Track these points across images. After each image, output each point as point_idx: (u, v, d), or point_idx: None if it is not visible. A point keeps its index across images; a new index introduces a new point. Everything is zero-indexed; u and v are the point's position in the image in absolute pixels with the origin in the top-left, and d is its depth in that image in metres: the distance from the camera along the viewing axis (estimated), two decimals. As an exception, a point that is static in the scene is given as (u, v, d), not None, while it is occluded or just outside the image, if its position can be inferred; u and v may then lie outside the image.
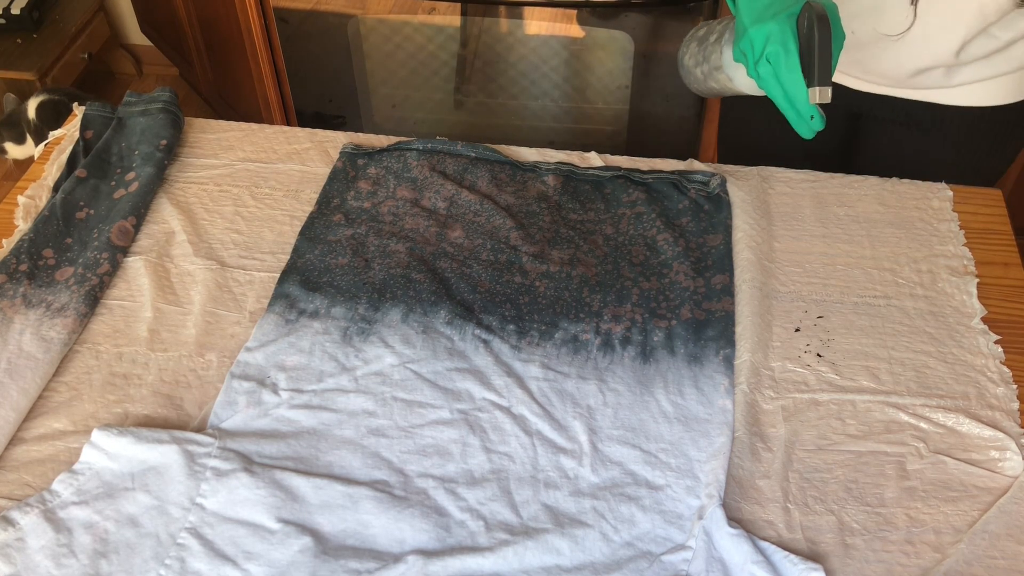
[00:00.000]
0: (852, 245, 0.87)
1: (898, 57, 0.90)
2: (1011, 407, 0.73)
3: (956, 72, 0.90)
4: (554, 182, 0.92)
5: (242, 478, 0.66)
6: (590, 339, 0.78)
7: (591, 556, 0.64)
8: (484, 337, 0.77)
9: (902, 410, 0.73)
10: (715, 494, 0.66)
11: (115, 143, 0.95)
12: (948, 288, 0.82)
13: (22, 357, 0.74)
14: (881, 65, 0.92)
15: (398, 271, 0.82)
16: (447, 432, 0.71)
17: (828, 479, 0.69)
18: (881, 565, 0.64)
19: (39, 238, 0.84)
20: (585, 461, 0.69)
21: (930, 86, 0.93)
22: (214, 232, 0.88)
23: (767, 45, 0.72)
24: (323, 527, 0.65)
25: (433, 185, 0.91)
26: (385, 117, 1.98)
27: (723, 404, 0.72)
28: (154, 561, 0.63)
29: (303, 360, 0.76)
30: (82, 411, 0.73)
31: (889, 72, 0.93)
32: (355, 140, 0.98)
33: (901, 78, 0.93)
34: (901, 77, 0.93)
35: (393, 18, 1.80)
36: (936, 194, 0.92)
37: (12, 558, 0.62)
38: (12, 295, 0.79)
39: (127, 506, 0.65)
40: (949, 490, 0.68)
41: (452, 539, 0.65)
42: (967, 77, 0.91)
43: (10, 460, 0.69)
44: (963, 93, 0.93)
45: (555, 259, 0.84)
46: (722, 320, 0.79)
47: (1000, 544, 0.64)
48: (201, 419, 0.72)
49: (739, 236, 0.86)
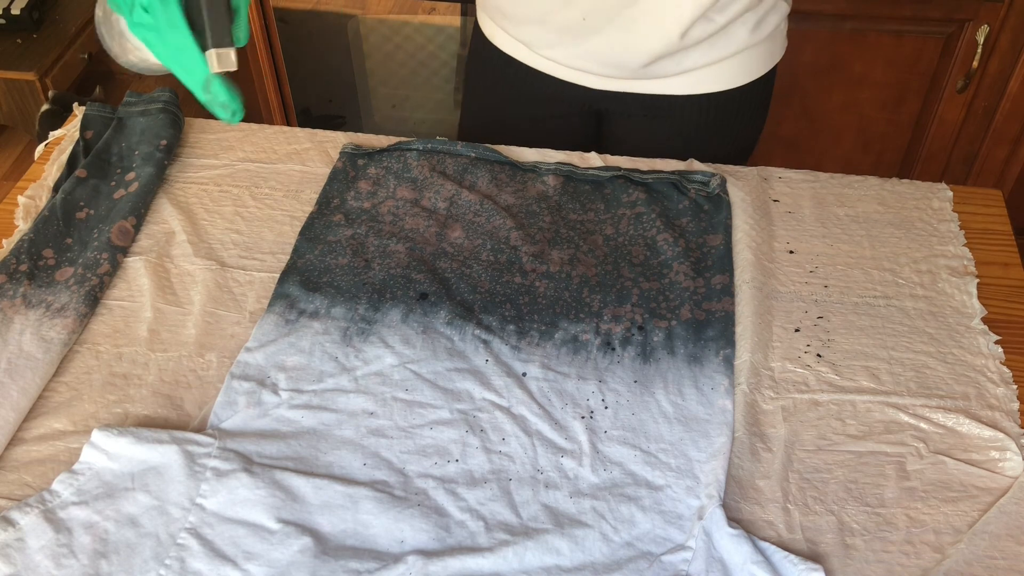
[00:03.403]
0: (852, 245, 0.87)
1: (630, 44, 0.92)
2: (1011, 407, 0.73)
3: (683, 58, 0.93)
4: (554, 182, 0.92)
5: (242, 478, 0.66)
6: (590, 339, 0.78)
7: (591, 556, 0.64)
8: (484, 337, 0.77)
9: (902, 410, 0.73)
10: (715, 494, 0.66)
11: (115, 143, 0.95)
12: (948, 288, 0.82)
13: (22, 357, 0.74)
14: (616, 55, 0.93)
15: (398, 271, 0.82)
16: (447, 432, 0.71)
17: (828, 479, 0.69)
18: (881, 565, 0.64)
19: (39, 238, 0.84)
20: (585, 461, 0.69)
21: (662, 75, 0.95)
22: (214, 232, 0.88)
23: None
24: (323, 527, 0.65)
25: (433, 185, 0.91)
26: (385, 117, 1.98)
27: (723, 404, 0.72)
28: (154, 561, 0.63)
29: (303, 360, 0.76)
30: (82, 411, 0.73)
31: (625, 62, 0.94)
32: (355, 140, 0.98)
33: (636, 68, 0.94)
34: (635, 67, 0.94)
35: (393, 18, 1.80)
36: (936, 194, 0.92)
37: (12, 558, 0.62)
38: (12, 295, 0.79)
39: (127, 506, 0.65)
40: (949, 490, 0.68)
41: (452, 539, 0.65)
42: (694, 63, 0.93)
43: (10, 460, 0.69)
44: (692, 81, 0.96)
45: (555, 259, 0.84)
46: (722, 320, 0.79)
47: (1000, 544, 0.64)
48: (201, 419, 0.72)
49: (739, 236, 0.86)
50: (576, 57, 0.96)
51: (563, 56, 0.97)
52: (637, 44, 0.91)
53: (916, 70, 1.64)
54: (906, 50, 1.61)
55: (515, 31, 0.99)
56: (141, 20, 0.58)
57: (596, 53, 0.94)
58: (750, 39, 0.93)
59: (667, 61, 0.93)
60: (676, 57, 0.93)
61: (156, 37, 0.59)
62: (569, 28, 0.93)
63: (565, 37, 0.94)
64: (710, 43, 0.92)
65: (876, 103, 1.70)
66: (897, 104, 1.69)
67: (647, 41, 0.91)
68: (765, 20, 0.94)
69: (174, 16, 0.58)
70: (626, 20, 0.89)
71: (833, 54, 1.63)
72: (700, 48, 0.92)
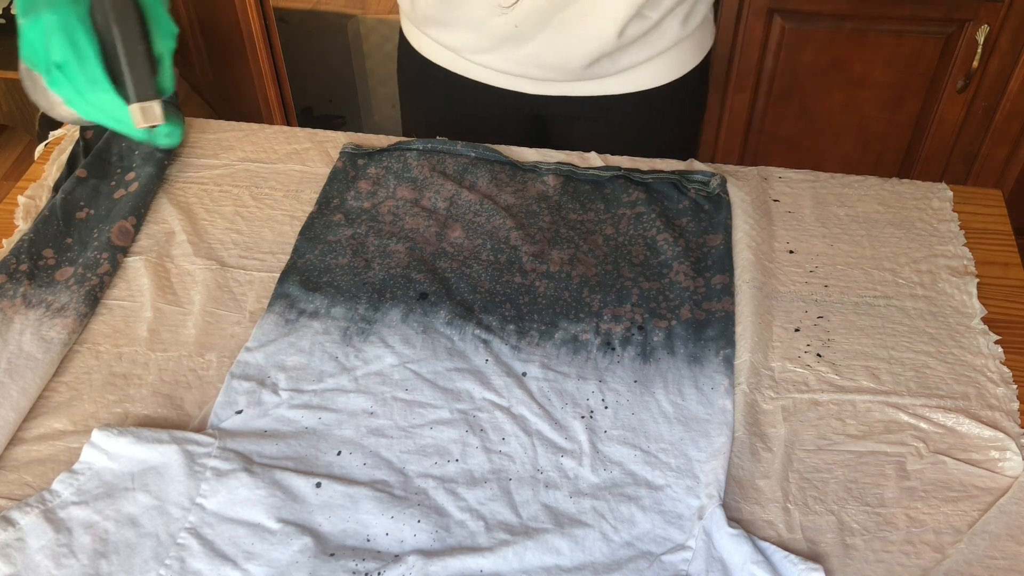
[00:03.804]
0: (852, 245, 0.87)
1: (568, 47, 0.92)
2: (1011, 407, 0.73)
3: (620, 57, 0.94)
4: (554, 182, 0.92)
5: (242, 478, 0.66)
6: (590, 339, 0.78)
7: (591, 556, 0.64)
8: (484, 337, 0.77)
9: (902, 410, 0.73)
10: (715, 494, 0.66)
11: (115, 143, 0.95)
12: (948, 288, 0.82)
13: (22, 357, 0.74)
14: (554, 59, 0.94)
15: (398, 271, 0.82)
16: (447, 432, 0.71)
17: (828, 479, 0.69)
18: (881, 565, 0.64)
19: (39, 238, 0.84)
20: (585, 461, 0.69)
21: (600, 75, 0.96)
22: (214, 232, 0.88)
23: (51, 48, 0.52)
24: (323, 527, 0.65)
25: (433, 185, 0.91)
26: (385, 117, 1.99)
27: (723, 404, 0.72)
28: (154, 561, 0.63)
29: (303, 360, 0.76)
30: (82, 411, 0.73)
31: (563, 65, 0.94)
32: (355, 140, 0.98)
33: (574, 71, 0.95)
34: (574, 69, 0.95)
35: (393, 18, 1.80)
36: (936, 194, 0.92)
37: (12, 558, 0.62)
38: (12, 295, 0.79)
39: (127, 506, 0.65)
40: (949, 490, 0.68)
41: (452, 539, 0.65)
42: (630, 61, 0.95)
43: (10, 460, 0.69)
44: (630, 79, 0.98)
45: (555, 259, 0.84)
46: (722, 320, 0.79)
47: (1000, 544, 0.64)
48: (201, 419, 0.72)
49: (739, 236, 0.86)
50: (514, 63, 0.96)
51: (500, 63, 0.97)
52: (574, 47, 0.92)
53: (916, 70, 1.64)
54: (906, 50, 1.61)
55: (448, 40, 0.99)
56: (57, 81, 0.55)
57: (533, 57, 0.94)
58: (681, 32, 0.95)
59: (605, 61, 0.94)
60: (613, 57, 0.94)
61: (76, 96, 0.55)
62: (504, 35, 0.93)
63: (501, 44, 0.94)
64: (645, 40, 0.93)
65: (876, 103, 1.70)
66: (897, 104, 1.69)
67: (585, 43, 0.91)
68: (694, 11, 0.96)
69: (93, 73, 0.54)
70: (561, 24, 0.89)
71: (833, 54, 1.63)
72: (636, 46, 0.93)
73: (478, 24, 0.93)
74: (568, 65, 0.94)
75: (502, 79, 0.99)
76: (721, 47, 1.67)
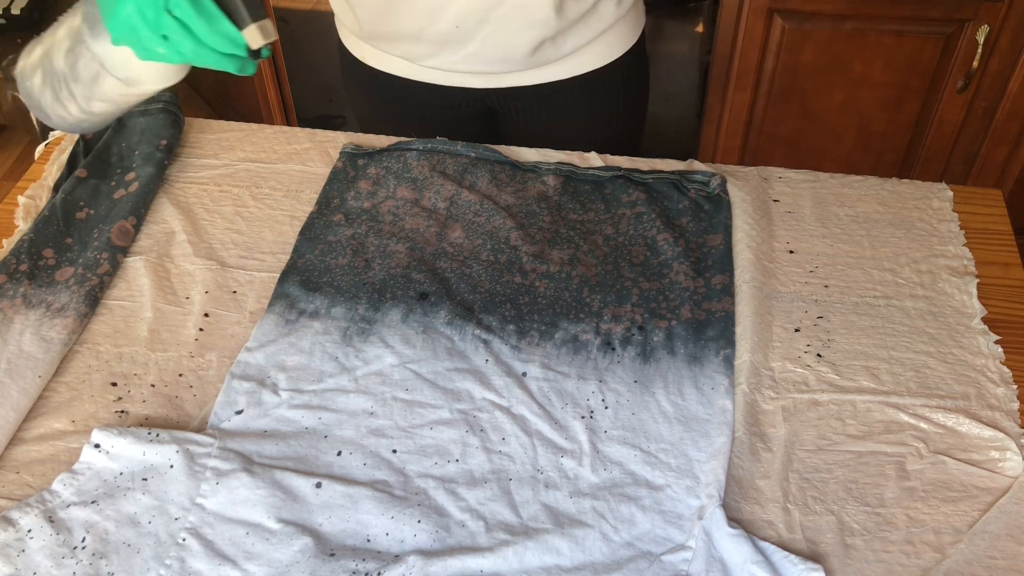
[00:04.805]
0: (852, 245, 0.87)
1: (510, 37, 0.93)
2: (1011, 407, 0.73)
3: (563, 42, 0.96)
4: (554, 182, 0.92)
5: (242, 478, 0.66)
6: (590, 339, 0.78)
7: (591, 556, 0.64)
8: (484, 337, 0.77)
9: (902, 410, 0.73)
10: (715, 494, 0.66)
11: (115, 143, 0.95)
12: (948, 288, 0.82)
13: (22, 357, 0.74)
14: (500, 50, 0.95)
15: (398, 271, 0.82)
16: (447, 432, 0.71)
17: (828, 479, 0.69)
18: (881, 565, 0.64)
19: (39, 238, 0.84)
20: (585, 461, 0.69)
21: (544, 62, 0.98)
22: (214, 232, 0.88)
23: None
24: (323, 527, 0.65)
25: (433, 185, 0.91)
26: (385, 117, 1.98)
27: (723, 404, 0.72)
28: (154, 561, 0.63)
29: (303, 360, 0.76)
30: (82, 411, 0.73)
31: (509, 55, 0.96)
32: (355, 140, 0.98)
33: (520, 59, 0.96)
34: (520, 58, 0.96)
35: (393, 18, 1.79)
36: (936, 194, 0.92)
37: (12, 558, 0.62)
38: (12, 295, 0.79)
39: (127, 506, 0.65)
40: (949, 490, 0.68)
41: (452, 539, 0.65)
42: (572, 45, 0.97)
43: (10, 460, 0.69)
44: (572, 64, 1.00)
45: (555, 259, 0.84)
46: (722, 320, 0.79)
47: (1000, 544, 0.64)
48: (201, 419, 0.72)
49: (739, 236, 0.86)
50: (460, 62, 0.97)
51: (446, 63, 0.97)
52: (517, 35, 0.93)
53: (916, 70, 1.64)
54: (906, 50, 1.61)
55: (391, 48, 0.99)
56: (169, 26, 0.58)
57: (479, 54, 0.95)
58: (617, 12, 0.98)
59: (548, 47, 0.96)
60: (556, 41, 0.96)
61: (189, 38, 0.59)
62: (446, 38, 0.93)
63: (444, 46, 0.95)
64: (584, 23, 0.96)
65: (876, 103, 1.70)
66: (897, 104, 1.69)
67: (526, 30, 0.92)
68: None
69: (207, 7, 0.58)
70: (500, 16, 0.90)
71: (833, 54, 1.63)
72: (576, 29, 0.96)
73: (418, 33, 0.94)
74: (513, 56, 0.95)
75: (451, 78, 1.01)
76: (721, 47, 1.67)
